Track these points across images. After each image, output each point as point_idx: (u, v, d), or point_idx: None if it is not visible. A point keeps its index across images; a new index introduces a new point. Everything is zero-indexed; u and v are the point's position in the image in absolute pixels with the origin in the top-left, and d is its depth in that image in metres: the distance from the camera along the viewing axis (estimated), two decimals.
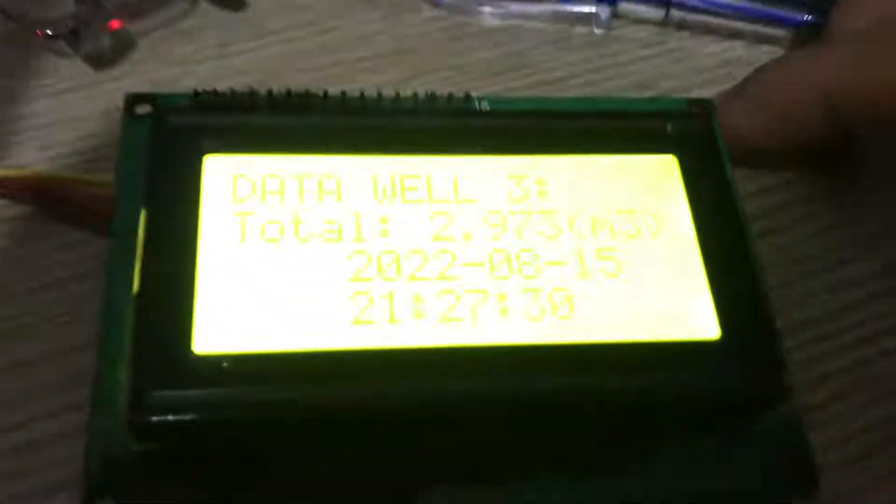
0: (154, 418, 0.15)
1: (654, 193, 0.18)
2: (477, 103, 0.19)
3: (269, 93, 0.18)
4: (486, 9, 0.28)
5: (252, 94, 0.18)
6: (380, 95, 0.19)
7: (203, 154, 0.17)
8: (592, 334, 0.16)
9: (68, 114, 0.24)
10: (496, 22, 0.28)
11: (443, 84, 0.26)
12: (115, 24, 0.26)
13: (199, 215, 0.17)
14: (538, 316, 0.16)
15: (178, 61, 0.26)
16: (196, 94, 0.18)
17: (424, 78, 0.26)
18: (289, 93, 0.19)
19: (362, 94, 0.19)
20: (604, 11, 0.28)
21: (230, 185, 0.17)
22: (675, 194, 0.18)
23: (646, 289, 0.17)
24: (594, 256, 0.17)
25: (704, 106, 0.20)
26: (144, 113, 0.19)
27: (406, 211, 0.17)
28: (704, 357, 0.17)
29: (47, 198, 0.21)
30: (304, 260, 0.17)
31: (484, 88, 0.26)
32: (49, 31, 0.25)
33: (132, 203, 0.17)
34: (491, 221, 0.17)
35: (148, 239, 0.16)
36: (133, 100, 0.19)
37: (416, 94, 0.19)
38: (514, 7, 0.28)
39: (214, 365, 0.15)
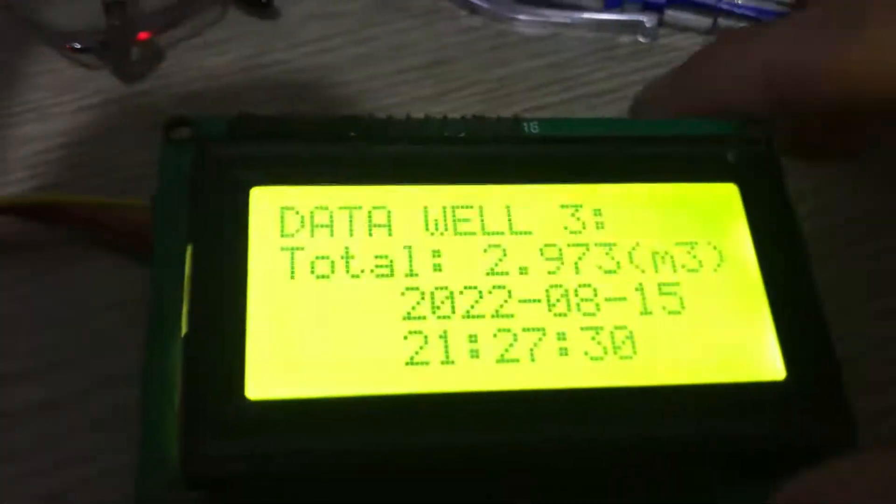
0: (209, 469, 0.15)
1: (716, 224, 0.18)
2: (526, 126, 0.19)
3: (314, 119, 0.18)
4: (524, 17, 0.28)
5: (295, 119, 0.18)
6: (427, 119, 0.19)
7: (249, 186, 0.17)
8: (655, 376, 0.16)
9: (98, 129, 0.24)
10: (537, 31, 0.28)
11: (483, 97, 0.26)
12: (143, 35, 0.26)
13: (248, 251, 0.16)
14: (600, 356, 0.16)
15: (209, 73, 0.26)
16: (238, 118, 0.18)
17: (464, 91, 0.26)
18: (333, 119, 0.18)
19: (408, 118, 0.19)
20: (650, 20, 0.27)
21: (278, 218, 0.17)
22: (736, 225, 0.18)
23: (709, 326, 0.17)
24: (655, 292, 0.17)
25: (764, 128, 0.19)
26: (183, 138, 0.18)
27: (459, 244, 0.17)
28: (770, 399, 0.16)
29: (80, 222, 0.21)
30: (356, 297, 0.16)
31: (526, 101, 0.26)
32: (78, 45, 0.25)
33: (172, 233, 0.17)
34: (547, 255, 0.17)
35: (195, 277, 0.16)
36: (171, 123, 0.19)
37: (464, 118, 0.19)
38: (555, 16, 0.28)
39: (269, 411, 0.15)
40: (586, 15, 0.28)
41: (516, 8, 0.28)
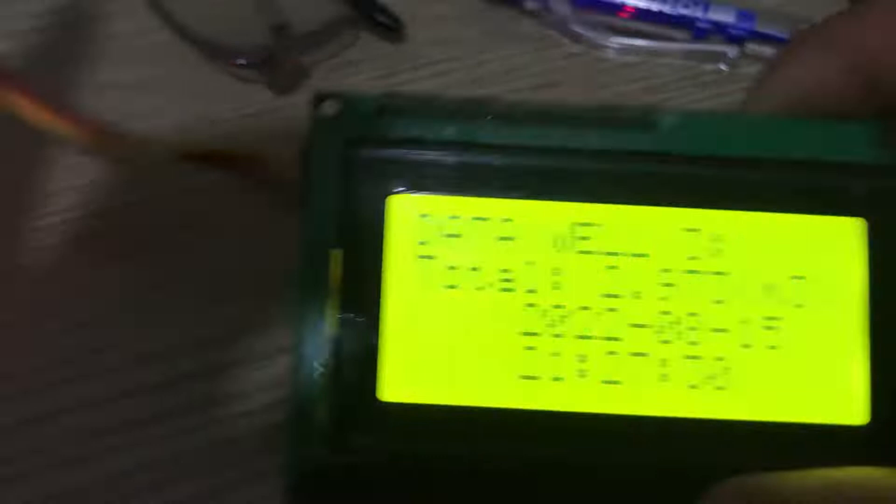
0: (346, 457, 0.14)
1: (834, 260, 0.15)
2: (660, 119, 0.16)
3: (452, 99, 0.16)
4: (619, 45, 0.26)
5: (436, 99, 0.16)
6: (559, 106, 0.16)
7: (390, 193, 0.16)
8: (742, 410, 0.15)
9: (253, 137, 0.24)
10: (630, 58, 0.26)
11: None
12: (294, 55, 0.25)
13: (387, 258, 0.15)
14: (697, 385, 0.15)
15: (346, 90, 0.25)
16: (384, 96, 0.16)
17: None
18: (471, 99, 0.16)
19: (540, 105, 0.16)
20: (732, 51, 0.26)
21: (414, 226, 0.16)
22: (855, 262, 0.15)
23: (803, 365, 0.15)
24: (759, 326, 0.15)
25: None
26: (329, 115, 0.16)
27: (579, 262, 0.16)
28: (849, 443, 0.15)
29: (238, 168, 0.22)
30: (479, 309, 0.15)
31: None
32: (243, 61, 0.25)
33: (319, 213, 0.15)
34: (661, 280, 0.16)
35: (343, 281, 0.15)
36: (319, 96, 0.16)
37: (592, 107, 0.16)
38: (647, 44, 0.26)
39: (397, 413, 0.15)
40: (675, 45, 0.26)
41: (612, 37, 0.26)
